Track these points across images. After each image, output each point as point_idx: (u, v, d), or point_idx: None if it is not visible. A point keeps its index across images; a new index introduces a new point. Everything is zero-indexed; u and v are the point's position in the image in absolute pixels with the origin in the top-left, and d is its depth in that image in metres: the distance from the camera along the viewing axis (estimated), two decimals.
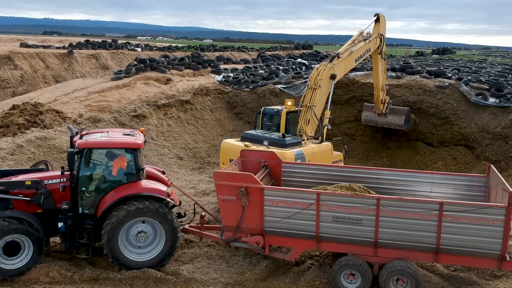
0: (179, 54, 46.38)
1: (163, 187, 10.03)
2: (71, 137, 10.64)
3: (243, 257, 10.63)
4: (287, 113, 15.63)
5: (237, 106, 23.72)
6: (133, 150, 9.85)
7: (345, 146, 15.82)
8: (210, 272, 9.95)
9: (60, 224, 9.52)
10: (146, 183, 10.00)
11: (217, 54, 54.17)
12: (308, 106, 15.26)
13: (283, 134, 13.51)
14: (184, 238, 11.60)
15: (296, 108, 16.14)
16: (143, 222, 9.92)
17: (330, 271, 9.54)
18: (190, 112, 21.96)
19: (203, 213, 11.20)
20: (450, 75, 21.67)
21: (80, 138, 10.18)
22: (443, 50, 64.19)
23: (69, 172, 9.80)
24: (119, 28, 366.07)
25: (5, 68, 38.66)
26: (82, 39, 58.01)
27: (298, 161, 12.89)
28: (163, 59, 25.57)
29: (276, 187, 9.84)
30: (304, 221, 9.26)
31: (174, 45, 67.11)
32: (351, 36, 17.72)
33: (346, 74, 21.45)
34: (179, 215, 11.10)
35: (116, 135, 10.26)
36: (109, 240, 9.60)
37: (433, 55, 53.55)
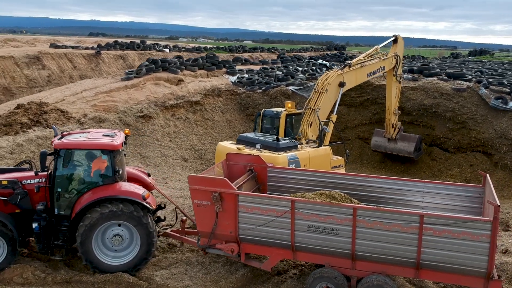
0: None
1: (139, 190, 9.78)
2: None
3: (223, 264, 10.27)
4: (287, 115, 15.20)
5: (249, 108, 23.38)
6: (109, 151, 9.67)
7: (347, 151, 15.19)
8: (185, 279, 9.64)
9: (34, 225, 9.43)
10: (122, 186, 9.79)
11: (245, 55, 54.12)
12: (313, 109, 14.85)
13: (277, 138, 13.07)
14: (167, 243, 11.39)
15: (298, 111, 15.72)
16: (119, 225, 9.73)
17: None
18: (200, 113, 21.77)
19: (184, 217, 10.92)
20: (470, 77, 20.60)
21: (61, 138, 10.11)
22: (481, 51, 61.85)
23: (46, 173, 9.75)
24: (162, 30, 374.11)
25: (33, 68, 39.71)
26: (127, 40, 59.07)
27: (292, 166, 12.45)
28: (176, 59, 25.53)
29: (250, 193, 9.44)
30: (279, 230, 8.82)
31: (203, 46, 67.59)
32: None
33: None
34: (159, 219, 10.90)
35: (95, 136, 10.10)
36: (83, 242, 9.46)
37: (469, 57, 51.62)
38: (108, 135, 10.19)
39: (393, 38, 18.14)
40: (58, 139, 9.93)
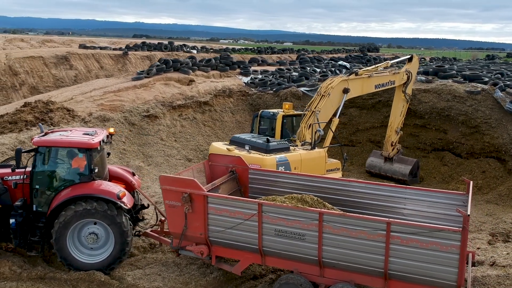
0: (234, 57, 46.79)
1: (115, 189, 9.77)
2: None
3: (199, 266, 10.14)
4: (283, 116, 14.94)
5: (259, 109, 23.05)
6: (86, 149, 9.71)
7: (344, 154, 14.79)
8: (157, 280, 9.55)
9: (11, 221, 9.59)
10: (98, 184, 9.82)
11: (274, 56, 53.89)
12: (313, 111, 14.58)
13: (267, 139, 12.83)
14: (149, 242, 11.37)
15: (296, 112, 15.46)
16: (95, 223, 9.76)
17: None
18: (208, 113, 21.75)
19: (163, 218, 10.85)
20: (486, 79, 19.69)
21: (44, 136, 10.27)
22: None
23: (24, 170, 9.91)
24: (204, 32, 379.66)
25: (61, 68, 40.85)
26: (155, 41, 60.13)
27: (281, 168, 12.20)
28: (188, 60, 25.64)
29: (218, 194, 9.26)
30: (247, 233, 8.63)
31: (231, 47, 67.91)
32: (437, 39, 17.73)
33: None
34: (137, 219, 10.89)
35: (75, 134, 10.18)
36: (57, 239, 9.55)
37: (508, 58, 49.66)
38: (88, 134, 10.25)
39: (408, 56, 17.99)
40: (40, 137, 10.09)
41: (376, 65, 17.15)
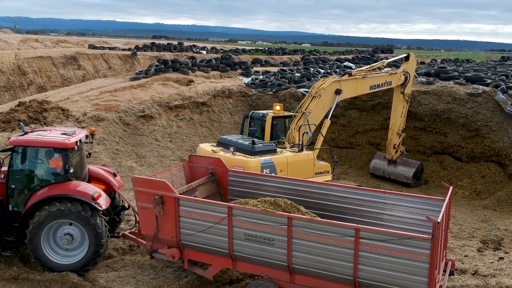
0: (244, 57, 46.70)
1: (90, 190, 9.67)
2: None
3: (175, 269, 9.98)
4: (273, 118, 14.70)
5: (259, 110, 22.95)
6: (61, 149, 9.63)
7: (335, 156, 14.49)
8: (130, 283, 9.43)
9: None
10: (73, 184, 9.72)
11: (285, 57, 53.61)
12: (303, 112, 14.32)
13: (253, 141, 12.62)
14: (129, 244, 11.24)
15: (286, 113, 15.20)
16: (71, 224, 9.68)
17: None
18: (206, 114, 21.61)
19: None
20: (489, 81, 19.17)
21: (23, 135, 10.23)
22: None
23: (4, 169, 9.90)
24: (222, 33, 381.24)
25: (69, 68, 41.18)
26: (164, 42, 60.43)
27: (266, 171, 11.99)
28: (188, 60, 25.55)
29: (190, 197, 9.07)
30: (218, 237, 8.44)
31: (241, 48, 67.78)
32: (458, 41, 17.35)
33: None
34: (114, 220, 10.78)
35: (53, 134, 10.11)
36: (31, 239, 9.49)
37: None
38: (65, 134, 10.17)
39: (405, 55, 17.63)
40: (18, 136, 10.06)
41: (371, 65, 16.73)
